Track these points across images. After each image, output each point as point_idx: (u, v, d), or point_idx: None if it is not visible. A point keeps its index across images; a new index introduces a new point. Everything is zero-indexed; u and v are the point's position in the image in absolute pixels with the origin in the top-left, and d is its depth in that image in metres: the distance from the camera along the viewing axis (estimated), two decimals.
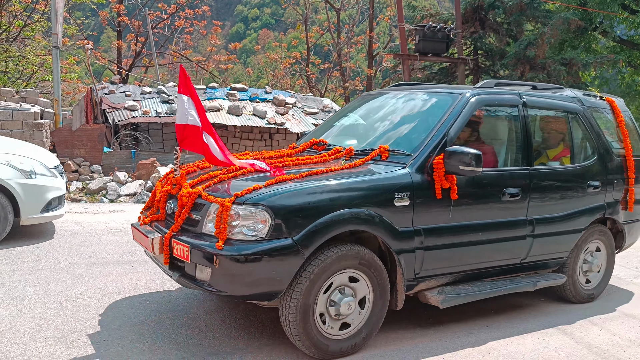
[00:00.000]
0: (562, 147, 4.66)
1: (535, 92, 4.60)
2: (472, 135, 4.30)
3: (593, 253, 4.79)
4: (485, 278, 4.09)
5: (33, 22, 16.14)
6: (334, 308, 3.29)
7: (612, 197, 4.75)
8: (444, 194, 3.61)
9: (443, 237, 3.68)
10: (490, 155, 4.20)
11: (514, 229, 4.06)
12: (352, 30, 22.43)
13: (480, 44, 15.14)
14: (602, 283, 4.89)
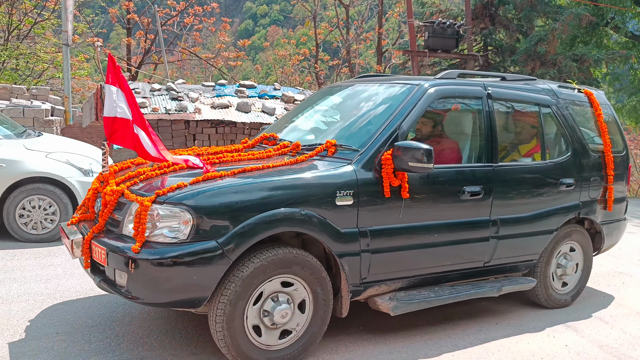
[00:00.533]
0: (535, 142, 4.44)
1: (503, 83, 4.34)
2: (435, 129, 4.14)
3: (567, 255, 4.53)
4: (445, 282, 3.86)
5: (43, 20, 16.24)
6: (268, 318, 3.06)
7: (589, 196, 4.49)
8: (393, 192, 3.39)
9: (393, 239, 3.45)
10: (454, 150, 4.01)
11: (475, 230, 3.83)
12: (361, 26, 22.37)
13: (490, 40, 15.03)
14: (578, 287, 4.60)
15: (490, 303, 4.47)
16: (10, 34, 15.37)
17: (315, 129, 4.07)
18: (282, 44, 28.94)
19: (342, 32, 21.86)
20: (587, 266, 4.65)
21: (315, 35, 22.12)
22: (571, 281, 4.56)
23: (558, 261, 4.47)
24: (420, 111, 3.64)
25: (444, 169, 3.69)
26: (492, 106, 4.02)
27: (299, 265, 3.12)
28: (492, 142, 3.97)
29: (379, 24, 21.08)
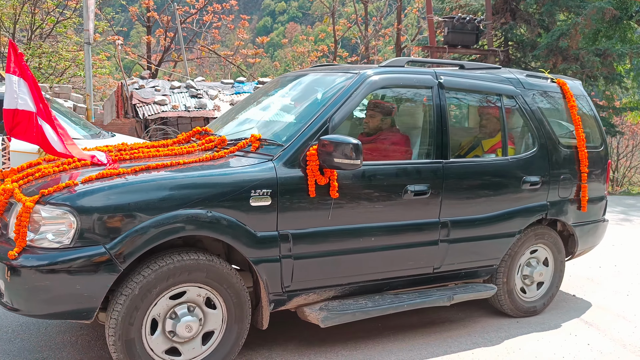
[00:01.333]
0: (500, 137, 4.12)
1: (459, 72, 4.00)
2: (383, 122, 3.84)
3: (535, 260, 4.20)
4: (388, 290, 3.56)
5: (65, 19, 16.46)
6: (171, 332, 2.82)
7: (558, 195, 4.14)
8: (320, 191, 3.10)
9: (320, 243, 3.17)
10: (402, 145, 3.72)
11: (421, 233, 3.52)
12: (380, 22, 22.25)
13: (511, 35, 14.84)
14: (548, 294, 4.27)
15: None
16: (33, 33, 15.61)
17: (256, 122, 3.81)
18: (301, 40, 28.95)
19: (361, 28, 21.77)
20: (558, 271, 4.31)
21: (334, 31, 22.07)
22: (540, 288, 4.24)
23: (524, 266, 4.15)
24: (356, 102, 3.36)
25: (382, 165, 3.40)
26: (444, 97, 3.69)
27: (205, 272, 2.84)
28: (442, 137, 3.63)
29: (398, 20, 20.95)
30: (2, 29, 15.45)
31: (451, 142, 3.93)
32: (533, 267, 4.16)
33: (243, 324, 3.01)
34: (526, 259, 4.15)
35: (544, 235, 4.17)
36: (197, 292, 2.88)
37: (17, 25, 15.09)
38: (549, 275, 4.27)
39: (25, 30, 16.11)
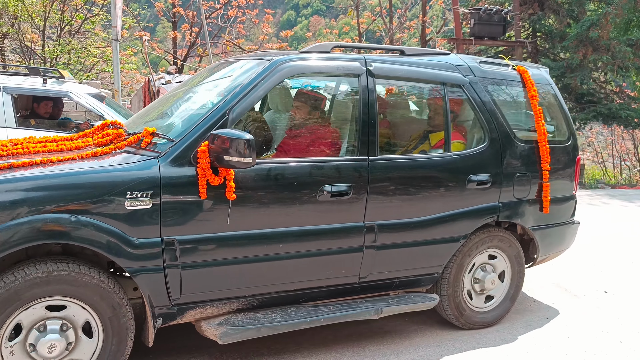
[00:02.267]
0: (452, 128, 3.77)
1: (394, 58, 3.61)
2: (311, 115, 3.53)
3: (487, 266, 3.79)
4: (307, 302, 3.23)
5: (93, 16, 16.71)
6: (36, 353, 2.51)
7: (513, 196, 3.72)
8: (215, 193, 2.76)
9: (216, 251, 2.83)
10: (329, 140, 3.37)
11: (341, 239, 3.16)
12: (405, 15, 22.04)
13: (539, 26, 14.57)
14: (504, 304, 3.86)
15: (541, 296, 4.36)
16: (62, 30, 15.89)
17: (170, 115, 3.48)
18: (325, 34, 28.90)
19: (385, 20, 21.61)
20: (517, 279, 3.89)
21: (358, 24, 21.96)
22: (495, 296, 3.84)
23: (475, 274, 3.76)
24: (263, 91, 3.01)
25: (292, 163, 3.04)
26: (373, 86, 3.30)
27: (75, 285, 2.54)
28: (369, 130, 3.25)
29: (423, 12, 20.73)
30: (33, 26, 15.76)
31: (396, 136, 3.66)
32: (486, 275, 3.76)
33: (123, 342, 2.70)
34: (477, 266, 3.76)
35: (497, 240, 3.76)
36: (77, 312, 2.59)
37: (47, 23, 15.38)
38: (506, 284, 3.86)
39: (54, 27, 16.41)
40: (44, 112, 6.56)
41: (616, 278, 5.09)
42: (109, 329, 2.65)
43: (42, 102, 6.56)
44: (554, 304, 4.39)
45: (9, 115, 5.78)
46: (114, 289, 2.66)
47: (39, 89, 6.14)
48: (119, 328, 2.67)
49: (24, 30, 15.88)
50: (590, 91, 14.40)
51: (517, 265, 3.89)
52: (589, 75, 13.62)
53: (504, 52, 15.09)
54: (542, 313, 4.17)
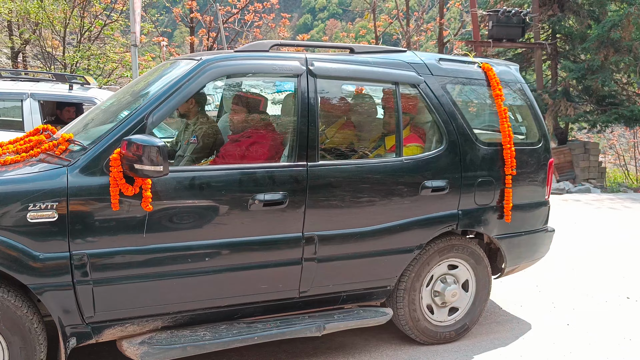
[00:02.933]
0: (409, 131, 3.61)
1: (341, 57, 3.39)
2: (250, 119, 3.38)
3: (447, 278, 3.61)
4: (241, 318, 3.06)
5: (112, 22, 16.89)
6: None
7: (475, 202, 3.53)
8: (130, 203, 2.61)
9: (132, 266, 2.67)
10: (267, 146, 3.24)
11: (275, 251, 2.99)
12: (422, 17, 21.93)
13: (559, 28, 14.37)
14: (468, 317, 3.68)
15: (561, 301, 4.27)
16: (82, 36, 16.09)
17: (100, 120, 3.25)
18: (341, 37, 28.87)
19: (402, 23, 21.52)
20: (482, 290, 3.68)
21: (375, 27, 21.90)
22: (457, 311, 3.67)
23: (434, 286, 3.58)
24: (187, 93, 2.84)
25: (218, 171, 2.88)
26: (314, 86, 3.11)
27: None
28: (308, 134, 3.05)
29: (440, 15, 20.60)
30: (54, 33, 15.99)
31: (348, 141, 3.50)
32: (446, 287, 3.57)
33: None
34: (437, 278, 3.58)
35: (459, 250, 3.57)
36: None
37: (67, 29, 15.58)
38: (469, 296, 3.68)
39: (74, 33, 16.62)
40: (67, 118, 6.67)
41: (639, 283, 4.97)
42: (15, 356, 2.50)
43: (65, 108, 6.67)
44: (575, 309, 4.29)
45: (37, 122, 5.91)
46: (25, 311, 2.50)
47: (65, 95, 6.24)
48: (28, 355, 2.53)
49: (45, 36, 16.12)
50: (611, 93, 14.16)
51: (482, 277, 3.68)
52: (610, 77, 13.39)
53: (523, 54, 14.92)
54: (564, 320, 4.08)
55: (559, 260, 5.79)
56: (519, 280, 5.13)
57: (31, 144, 2.90)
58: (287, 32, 24.65)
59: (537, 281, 5.13)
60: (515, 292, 4.81)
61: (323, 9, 70.70)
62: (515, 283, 5.06)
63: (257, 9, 21.25)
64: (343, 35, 29.35)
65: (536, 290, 4.91)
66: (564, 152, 13.55)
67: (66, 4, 14.67)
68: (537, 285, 5.03)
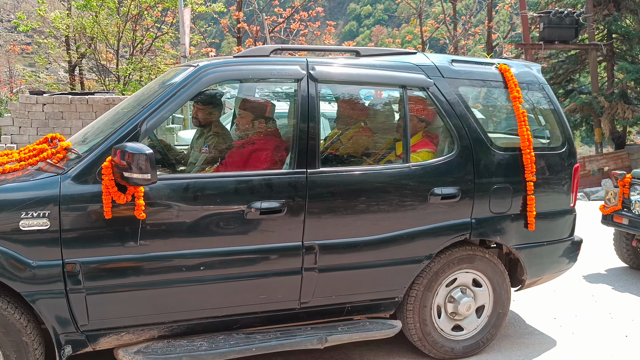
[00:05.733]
0: (421, 136, 3.43)
1: (344, 60, 3.27)
2: (256, 124, 3.28)
3: (465, 289, 3.39)
4: (240, 328, 2.97)
5: (163, 34, 17.40)
6: None
7: (490, 210, 3.32)
8: (123, 211, 2.58)
9: (125, 274, 2.65)
10: (270, 152, 3.14)
11: (274, 260, 2.90)
12: (470, 21, 21.56)
13: (615, 27, 13.83)
14: (484, 332, 3.45)
15: (621, 312, 4.04)
16: (134, 48, 16.63)
17: (99, 128, 3.23)
18: (387, 43, 28.74)
19: (449, 28, 21.22)
20: (499, 303, 3.45)
21: (421, 32, 21.69)
22: (472, 323, 3.43)
23: (448, 299, 3.37)
24: (182, 100, 2.80)
25: (214, 178, 2.86)
26: (315, 91, 3.00)
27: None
28: (307, 140, 2.95)
29: (489, 18, 20.19)
30: (108, 46, 16.60)
31: (356, 146, 3.36)
32: (462, 298, 3.36)
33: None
34: (450, 290, 3.38)
35: (474, 260, 3.35)
36: None
37: (120, 42, 16.15)
38: (488, 309, 3.46)
39: (127, 47, 17.20)
40: None
41: None
42: None
43: None
44: (634, 321, 4.07)
45: None
46: (16, 318, 2.52)
47: None
48: None
49: (100, 50, 16.74)
50: None
51: (500, 289, 3.46)
52: None
53: (577, 55, 14.43)
54: (622, 331, 3.87)
55: (616, 268, 5.51)
56: (573, 289, 4.91)
57: (33, 152, 2.88)
58: (333, 39, 24.73)
59: (593, 291, 4.90)
60: (569, 302, 4.60)
61: (369, 15, 70.69)
62: (570, 292, 4.84)
63: (302, 18, 21.42)
64: (389, 42, 29.20)
65: (592, 300, 4.68)
66: (621, 156, 12.98)
67: (119, 18, 15.19)
68: (593, 295, 4.80)
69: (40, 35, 18.29)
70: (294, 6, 21.58)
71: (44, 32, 18.23)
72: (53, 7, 17.92)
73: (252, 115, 3.36)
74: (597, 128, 13.81)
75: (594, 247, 6.46)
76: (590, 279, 5.26)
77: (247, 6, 20.69)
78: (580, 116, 14.70)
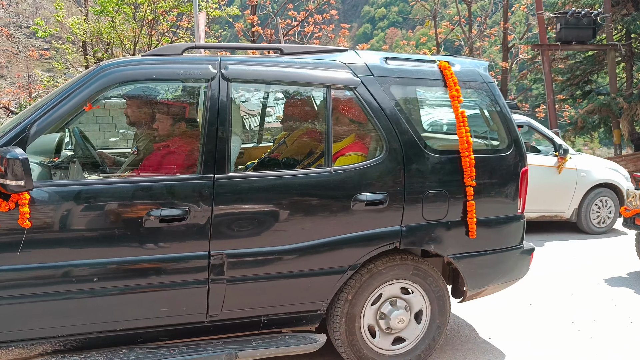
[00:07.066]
0: (353, 139, 3.26)
1: (263, 58, 3.12)
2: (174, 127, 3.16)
3: (396, 301, 3.19)
4: (144, 342, 2.80)
5: (178, 39, 17.53)
6: None
7: (423, 217, 3.12)
8: (6, 219, 2.46)
9: (8, 286, 2.51)
10: (186, 156, 3.00)
11: (176, 271, 2.72)
12: (485, 22, 21.42)
13: (633, 27, 13.63)
14: (421, 346, 3.25)
15: None
16: None
17: None
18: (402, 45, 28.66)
19: (464, 29, 21.10)
20: (436, 315, 3.26)
21: (436, 34, 21.59)
22: (410, 336, 3.25)
23: (379, 311, 3.17)
24: (76, 102, 2.65)
25: (109, 184, 2.71)
26: (227, 91, 2.83)
27: None
28: (216, 143, 2.78)
29: (504, 19, 20.04)
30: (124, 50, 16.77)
31: (292, 150, 3.18)
32: (392, 310, 3.17)
33: None
34: (383, 301, 3.19)
35: (409, 270, 3.16)
36: None
37: (136, 47, 16.30)
38: (420, 328, 3.27)
39: (143, 51, 17.38)
40: None
41: None
42: None
43: None
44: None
45: None
46: None
47: None
48: None
49: (116, 54, 16.92)
50: None
51: (439, 300, 3.26)
52: None
53: (594, 56, 14.26)
54: None
55: (638, 272, 5.42)
56: (592, 293, 4.85)
57: None
58: (347, 42, 24.72)
59: (613, 294, 4.82)
60: (588, 306, 4.53)
61: (383, 17, 70.61)
62: (589, 296, 4.78)
63: (316, 21, 21.46)
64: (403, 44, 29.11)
65: (611, 304, 4.61)
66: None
67: (135, 23, 15.36)
68: (612, 298, 4.73)
69: (58, 41, 18.54)
70: (308, 9, 21.63)
71: (61, 38, 18.48)
72: (71, 13, 18.17)
73: (169, 117, 3.21)
74: (615, 129, 13.62)
75: (614, 249, 6.37)
76: (610, 283, 5.18)
77: (261, 10, 20.80)
78: (599, 117, 14.50)
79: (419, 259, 3.23)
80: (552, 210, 7.23)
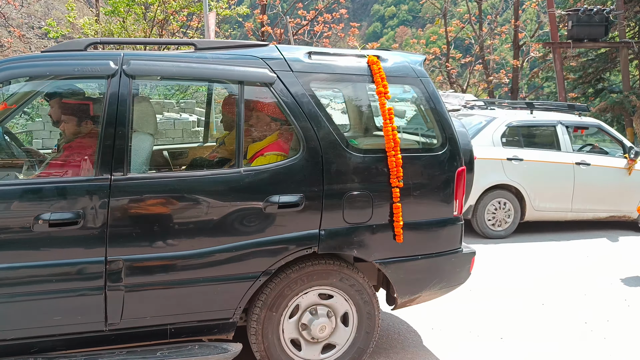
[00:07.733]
0: (275, 138, 3.16)
1: (171, 54, 2.99)
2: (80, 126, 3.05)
3: (317, 308, 3.05)
4: (39, 353, 2.64)
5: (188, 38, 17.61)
6: None
7: (344, 220, 2.97)
8: None
9: None
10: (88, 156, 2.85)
11: (68, 278, 2.59)
12: (495, 20, 21.27)
13: None
14: (349, 355, 3.12)
15: None
16: None
17: None
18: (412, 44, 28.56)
19: (475, 27, 20.99)
20: (365, 326, 3.12)
21: (446, 32, 21.50)
22: (333, 348, 3.12)
23: (301, 319, 3.04)
24: None
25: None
26: (128, 88, 2.71)
27: None
28: (114, 143, 2.65)
29: (515, 16, 19.92)
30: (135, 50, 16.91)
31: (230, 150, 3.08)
32: (313, 319, 3.04)
33: None
34: (304, 309, 3.05)
35: (331, 276, 3.01)
36: None
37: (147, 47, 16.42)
38: (349, 332, 3.12)
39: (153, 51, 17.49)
40: None
41: None
42: None
43: None
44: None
45: None
46: None
47: None
48: None
49: None
50: None
51: (367, 308, 3.11)
52: None
53: (607, 54, 14.13)
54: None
55: None
56: (605, 293, 4.81)
57: None
58: (357, 41, 24.68)
59: (626, 295, 4.78)
60: (601, 306, 4.49)
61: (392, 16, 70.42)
62: (602, 296, 4.74)
63: (326, 20, 21.45)
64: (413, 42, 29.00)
65: (625, 304, 4.57)
66: None
67: (146, 23, 15.43)
68: (625, 299, 4.69)
69: None
70: (318, 8, 21.63)
71: (73, 38, 18.64)
72: (82, 13, 18.31)
73: (72, 116, 3.09)
74: (628, 128, 13.49)
75: (628, 250, 6.31)
76: (623, 283, 5.14)
77: (271, 9, 20.82)
78: (611, 115, 14.38)
79: (345, 264, 3.10)
80: (620, 210, 7.31)
